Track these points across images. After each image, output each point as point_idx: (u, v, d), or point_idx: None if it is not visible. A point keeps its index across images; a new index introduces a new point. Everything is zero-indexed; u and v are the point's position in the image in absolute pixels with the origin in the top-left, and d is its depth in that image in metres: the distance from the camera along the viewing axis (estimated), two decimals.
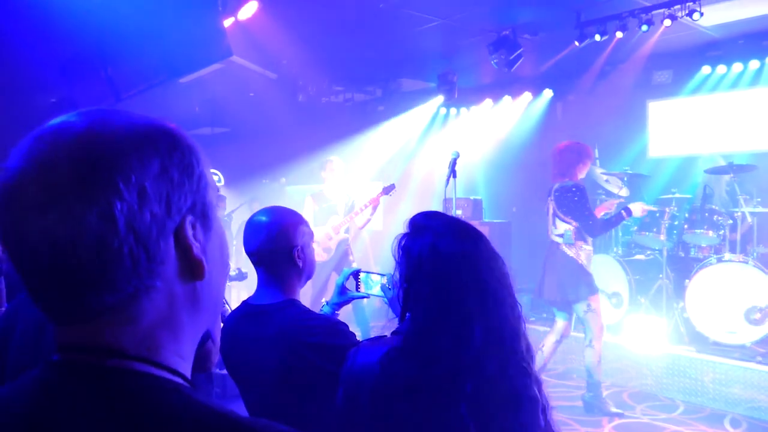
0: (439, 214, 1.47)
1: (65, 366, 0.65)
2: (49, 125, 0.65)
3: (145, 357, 0.66)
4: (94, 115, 0.65)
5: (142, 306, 0.65)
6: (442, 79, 7.50)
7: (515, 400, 1.30)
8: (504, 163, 8.13)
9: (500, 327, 1.32)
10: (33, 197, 0.60)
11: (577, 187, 4.50)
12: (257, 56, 6.47)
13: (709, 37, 6.18)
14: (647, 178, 6.32)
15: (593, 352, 4.52)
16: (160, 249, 0.65)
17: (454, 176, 4.18)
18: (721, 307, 5.01)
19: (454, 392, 1.29)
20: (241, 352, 1.87)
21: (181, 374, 0.68)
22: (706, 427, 4.36)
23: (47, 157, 0.61)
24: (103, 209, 0.60)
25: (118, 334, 0.65)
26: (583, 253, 4.52)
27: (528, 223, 7.44)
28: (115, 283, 0.63)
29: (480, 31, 6.20)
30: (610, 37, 5.60)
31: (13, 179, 0.62)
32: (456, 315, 1.31)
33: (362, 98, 9.25)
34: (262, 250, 1.86)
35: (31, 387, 0.65)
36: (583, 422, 4.42)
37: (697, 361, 4.90)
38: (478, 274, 1.34)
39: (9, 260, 0.65)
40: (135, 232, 0.62)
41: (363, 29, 6.12)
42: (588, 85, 7.33)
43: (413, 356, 1.34)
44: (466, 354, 1.29)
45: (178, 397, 0.64)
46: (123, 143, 0.63)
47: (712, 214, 5.37)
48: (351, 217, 5.89)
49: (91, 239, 0.61)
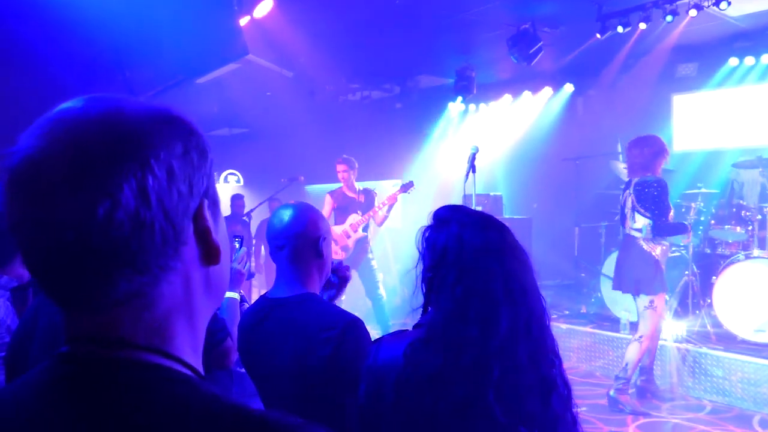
0: (462, 207, 1.47)
1: (74, 358, 0.64)
2: (60, 109, 0.63)
3: (157, 347, 0.65)
4: (104, 100, 0.65)
5: (161, 290, 0.65)
6: (461, 74, 7.44)
7: (544, 390, 1.30)
8: (524, 159, 8.04)
9: (527, 316, 1.32)
10: (60, 177, 0.59)
11: (659, 182, 4.46)
12: (273, 55, 6.47)
13: (736, 28, 6.02)
14: (672, 173, 6.18)
15: (638, 349, 4.44)
16: (184, 229, 0.66)
17: (473, 171, 4.12)
18: (750, 304, 4.88)
19: (481, 380, 1.27)
20: (258, 346, 1.87)
21: (190, 365, 0.67)
22: (735, 427, 4.25)
23: (73, 138, 0.60)
24: (139, 185, 0.60)
25: (132, 322, 0.64)
26: (659, 248, 4.47)
27: (549, 219, 7.35)
28: (146, 262, 0.62)
29: (499, 26, 6.13)
30: (633, 29, 5.49)
31: (30, 162, 0.60)
32: (482, 302, 1.31)
33: (379, 95, 9.21)
34: (289, 235, 1.87)
35: (40, 380, 0.65)
36: (607, 421, 4.33)
37: (725, 360, 4.78)
38: (503, 263, 1.34)
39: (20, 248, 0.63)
40: (164, 210, 0.62)
41: (380, 26, 6.07)
42: (610, 79, 7.21)
43: (439, 346, 1.33)
44: (493, 341, 1.28)
45: (188, 388, 0.63)
46: (148, 123, 0.63)
47: (740, 210, 5.23)
48: (369, 215, 5.86)
49: (126, 215, 0.60)
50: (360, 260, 5.83)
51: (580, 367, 5.72)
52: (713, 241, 5.49)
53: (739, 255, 5.08)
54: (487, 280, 1.32)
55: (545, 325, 1.36)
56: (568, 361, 5.84)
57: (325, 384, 1.73)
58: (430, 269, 1.38)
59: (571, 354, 5.86)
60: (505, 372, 1.27)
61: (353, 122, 8.94)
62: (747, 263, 4.95)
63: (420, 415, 1.31)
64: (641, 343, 4.44)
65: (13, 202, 0.61)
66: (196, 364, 0.69)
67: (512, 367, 1.28)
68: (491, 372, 1.27)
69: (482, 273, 1.32)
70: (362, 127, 8.84)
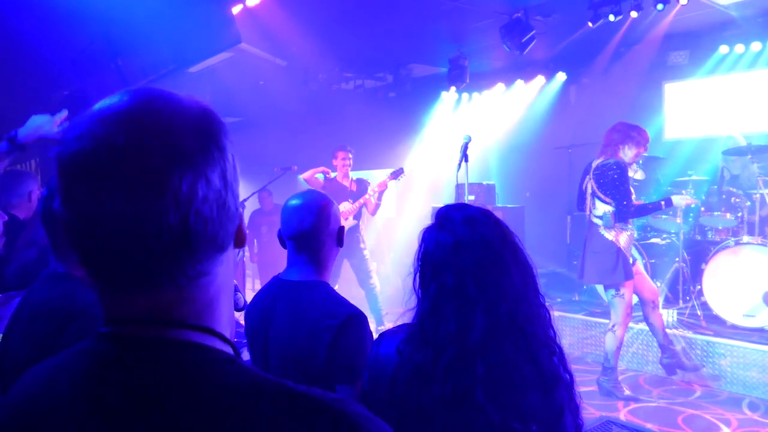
0: (461, 206, 1.47)
1: (121, 337, 0.66)
2: (119, 101, 0.65)
3: (205, 325, 0.68)
4: (156, 92, 0.67)
5: (218, 269, 0.69)
6: (453, 63, 7.44)
7: (546, 383, 1.30)
8: (517, 148, 8.07)
9: (511, 310, 1.31)
10: (159, 163, 0.61)
11: (618, 165, 4.28)
12: (266, 44, 6.45)
13: (726, 16, 6.05)
14: (663, 161, 6.23)
15: (614, 338, 4.47)
16: (240, 212, 0.72)
17: (465, 160, 4.14)
18: (739, 290, 4.95)
19: (466, 377, 1.28)
20: (268, 327, 1.90)
21: (229, 341, 0.71)
22: (724, 411, 4.32)
23: (156, 128, 0.63)
24: (222, 168, 0.66)
25: (190, 301, 0.67)
26: (622, 237, 4.34)
27: (541, 207, 7.39)
28: (222, 240, 0.68)
29: (491, 14, 6.13)
30: (625, 17, 5.50)
31: (114, 151, 0.61)
32: (456, 300, 1.32)
33: (373, 85, 9.20)
34: (314, 227, 1.89)
35: (82, 360, 0.66)
36: (598, 406, 4.39)
37: (715, 345, 4.85)
38: (476, 260, 1.34)
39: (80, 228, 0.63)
40: (233, 193, 0.69)
41: (372, 14, 6.06)
42: (602, 68, 7.23)
43: (420, 342, 1.35)
44: (472, 337, 1.29)
45: (236, 368, 0.66)
46: (208, 116, 0.68)
47: (730, 196, 5.29)
48: (360, 202, 5.88)
49: (215, 196, 0.65)
50: (352, 249, 5.85)
51: (572, 354, 5.79)
52: (703, 227, 5.55)
53: (729, 241, 5.14)
54: (459, 278, 1.33)
55: (537, 317, 1.35)
56: None
57: (322, 372, 1.76)
58: (414, 268, 1.43)
59: (564, 341, 5.91)
60: (493, 368, 1.28)
61: (347, 111, 8.93)
62: (736, 249, 5.01)
63: (410, 410, 1.33)
64: (615, 332, 4.45)
65: (96, 189, 0.61)
66: (232, 338, 0.73)
67: (501, 362, 1.28)
68: (475, 368, 1.28)
69: (454, 272, 1.34)
70: (356, 116, 8.83)
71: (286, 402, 0.63)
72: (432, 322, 1.34)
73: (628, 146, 4.31)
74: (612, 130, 4.40)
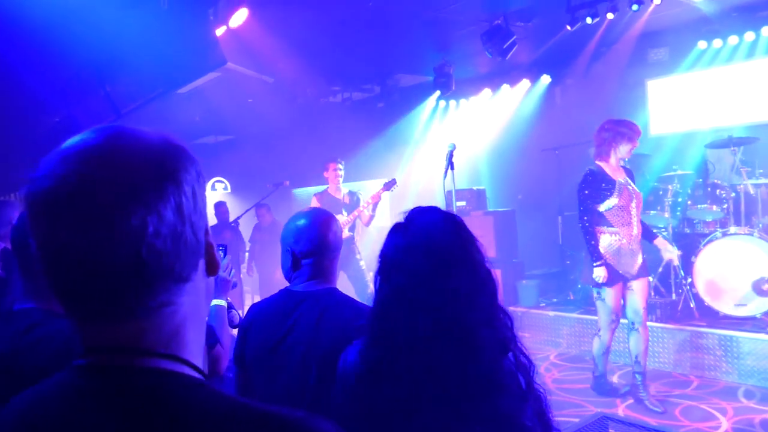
0: (426, 210, 1.50)
1: (94, 368, 0.69)
2: (80, 140, 0.69)
3: (174, 353, 0.71)
4: (117, 129, 0.71)
5: (182, 299, 0.72)
6: (439, 71, 7.53)
7: (482, 388, 1.30)
8: (506, 152, 8.15)
9: (455, 316, 1.33)
10: (112, 199, 0.64)
11: (586, 175, 4.29)
12: (252, 62, 6.53)
13: (702, 12, 6.15)
14: (648, 157, 6.32)
15: (599, 342, 4.45)
16: (202, 243, 0.74)
17: (451, 168, 4.20)
18: (730, 280, 5.02)
19: (409, 379, 1.31)
20: (287, 338, 1.96)
21: (198, 368, 0.73)
22: (720, 400, 4.37)
23: (112, 164, 0.66)
24: (177, 202, 0.68)
25: (156, 331, 0.70)
26: (603, 239, 4.25)
27: (533, 209, 7.46)
28: (180, 272, 0.70)
29: (472, 22, 6.23)
30: (602, 19, 5.61)
31: (71, 187, 0.64)
32: (403, 301, 1.36)
33: (361, 96, 9.29)
34: (321, 245, 2.02)
35: (60, 393, 0.69)
36: (596, 404, 4.44)
37: (709, 336, 4.92)
38: (424, 263, 1.36)
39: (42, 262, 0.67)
40: (192, 225, 0.71)
41: (355, 28, 6.15)
42: (584, 68, 7.33)
43: (374, 343, 1.40)
44: (414, 340, 1.32)
45: (206, 393, 0.69)
46: (170, 150, 0.71)
47: (715, 189, 5.36)
48: (354, 215, 5.94)
49: (168, 230, 0.67)
50: (348, 261, 5.91)
51: (570, 352, 5.84)
52: (691, 221, 5.62)
53: (717, 233, 5.21)
54: (409, 278, 1.35)
55: (490, 324, 1.35)
56: (559, 347, 5.97)
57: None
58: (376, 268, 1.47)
59: (561, 340, 5.99)
60: (432, 371, 1.30)
61: (336, 124, 9.00)
62: (724, 240, 5.08)
63: (367, 411, 1.37)
64: (600, 336, 4.43)
65: (54, 225, 0.65)
66: (202, 366, 0.76)
67: (441, 366, 1.30)
68: (415, 371, 1.31)
69: (404, 272, 1.37)
70: (345, 128, 8.91)
71: (257, 423, 0.67)
72: (381, 323, 1.39)
73: (621, 143, 4.26)
74: (601, 129, 4.36)
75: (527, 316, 6.32)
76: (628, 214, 4.24)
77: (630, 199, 4.25)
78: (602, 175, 4.27)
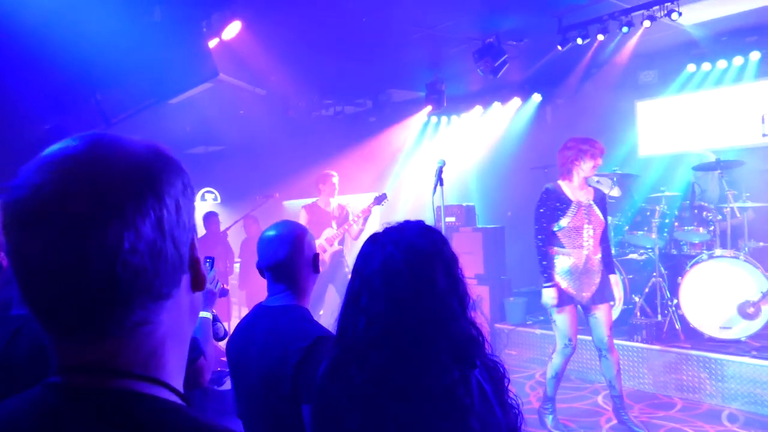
0: (404, 226, 1.53)
1: (67, 389, 0.66)
2: (62, 147, 0.66)
3: (151, 374, 0.68)
4: (102, 137, 0.68)
5: (162, 317, 0.69)
6: (431, 88, 7.58)
7: (421, 396, 1.34)
8: (496, 169, 8.19)
9: (402, 325, 1.37)
10: (86, 212, 0.61)
11: (544, 192, 4.27)
12: (245, 74, 6.55)
13: (691, 36, 6.25)
14: (637, 178, 6.37)
15: (550, 365, 4.28)
16: (185, 258, 0.71)
17: (441, 184, 4.22)
18: (715, 302, 5.04)
19: (347, 382, 1.40)
20: (247, 351, 1.97)
21: (176, 390, 0.71)
22: (704, 423, 4.38)
23: (91, 174, 0.63)
24: (157, 217, 0.65)
25: (133, 350, 0.67)
26: (557, 261, 4.18)
27: (522, 227, 7.47)
28: (158, 289, 0.67)
29: (465, 40, 6.28)
30: (592, 40, 5.67)
31: (45, 197, 0.62)
32: (354, 305, 1.45)
33: (353, 110, 9.32)
34: (288, 257, 1.98)
35: (32, 411, 0.66)
36: (581, 423, 4.44)
37: (693, 358, 4.93)
38: (374, 272, 1.43)
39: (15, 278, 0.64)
40: (174, 240, 0.68)
41: (348, 43, 6.19)
42: (575, 88, 7.40)
43: (335, 346, 1.49)
44: (355, 344, 1.41)
45: (183, 418, 0.67)
46: (155, 162, 0.69)
47: (702, 211, 5.40)
48: (344, 228, 5.94)
49: (146, 246, 0.64)
50: (336, 274, 5.89)
51: None
52: (678, 242, 5.65)
53: (703, 255, 5.24)
54: (362, 284, 1.44)
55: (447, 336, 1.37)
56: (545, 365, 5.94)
57: (290, 393, 1.80)
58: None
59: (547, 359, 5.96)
60: (369, 375, 1.37)
61: (327, 137, 9.03)
62: (711, 263, 5.11)
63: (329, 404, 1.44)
64: (552, 359, 4.28)
65: (26, 236, 0.62)
66: (180, 386, 0.73)
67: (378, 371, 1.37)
68: (352, 374, 1.39)
69: (359, 278, 1.45)
70: (337, 141, 8.94)
71: None
72: (340, 324, 1.47)
73: (583, 161, 4.19)
74: (563, 148, 4.31)
75: (514, 333, 6.31)
76: (579, 237, 4.14)
77: (583, 221, 4.14)
78: (557, 194, 4.22)
